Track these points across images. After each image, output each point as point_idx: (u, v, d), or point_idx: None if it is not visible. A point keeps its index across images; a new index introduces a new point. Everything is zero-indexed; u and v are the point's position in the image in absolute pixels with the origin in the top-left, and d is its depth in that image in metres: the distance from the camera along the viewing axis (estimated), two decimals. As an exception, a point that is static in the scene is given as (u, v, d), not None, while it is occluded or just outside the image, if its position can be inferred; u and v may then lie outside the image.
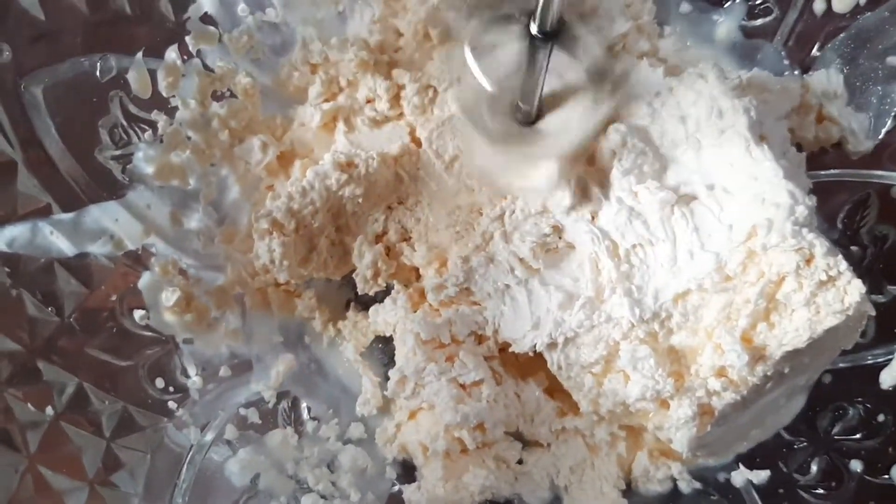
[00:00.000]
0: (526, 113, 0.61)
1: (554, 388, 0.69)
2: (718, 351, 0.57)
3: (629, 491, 0.68)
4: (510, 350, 0.67)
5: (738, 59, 0.75)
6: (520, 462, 0.70)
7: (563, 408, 0.69)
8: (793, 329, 0.55)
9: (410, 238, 0.71)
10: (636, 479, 0.67)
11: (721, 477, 0.67)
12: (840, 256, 0.55)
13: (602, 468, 0.67)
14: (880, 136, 0.67)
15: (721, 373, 0.58)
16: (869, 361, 0.66)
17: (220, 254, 0.71)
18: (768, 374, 0.56)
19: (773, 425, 0.67)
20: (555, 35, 0.54)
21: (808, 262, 0.55)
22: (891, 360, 0.64)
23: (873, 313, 0.57)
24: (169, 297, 0.67)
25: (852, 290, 0.54)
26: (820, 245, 0.55)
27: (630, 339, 0.60)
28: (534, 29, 0.54)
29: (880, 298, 0.67)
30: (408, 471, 0.71)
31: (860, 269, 0.68)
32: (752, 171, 0.57)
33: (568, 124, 0.61)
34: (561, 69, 0.60)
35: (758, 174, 0.57)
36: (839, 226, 0.70)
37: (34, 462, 0.59)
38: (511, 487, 0.68)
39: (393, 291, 0.71)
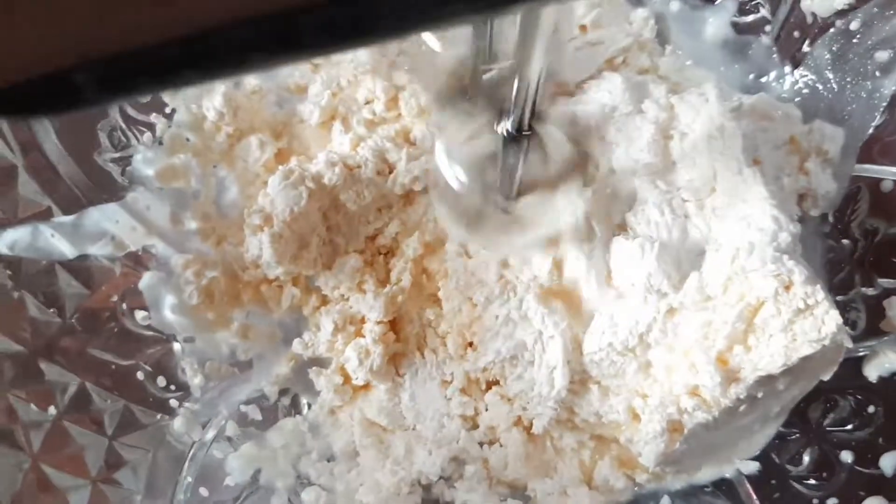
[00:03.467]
0: (503, 200, 0.57)
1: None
2: (693, 370, 0.58)
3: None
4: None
5: (730, 55, 0.75)
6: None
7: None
8: (768, 354, 0.56)
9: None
10: (597, 487, 0.67)
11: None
12: (819, 286, 0.55)
13: (565, 472, 0.67)
14: (869, 132, 0.68)
15: (694, 392, 0.58)
16: (861, 353, 0.66)
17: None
18: (741, 396, 0.57)
19: (745, 450, 0.67)
20: (528, 134, 0.49)
21: (786, 288, 0.55)
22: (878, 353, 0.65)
23: (850, 345, 0.57)
24: (192, 294, 0.68)
25: (829, 320, 0.54)
26: (799, 273, 0.55)
27: (607, 351, 0.61)
28: (502, 129, 0.49)
29: (871, 291, 0.68)
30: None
31: (851, 262, 0.69)
32: (741, 193, 0.57)
33: (547, 214, 0.58)
34: (538, 160, 0.56)
35: (747, 197, 0.57)
36: (830, 219, 0.70)
37: (37, 461, 0.60)
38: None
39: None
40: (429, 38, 0.59)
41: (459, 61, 0.56)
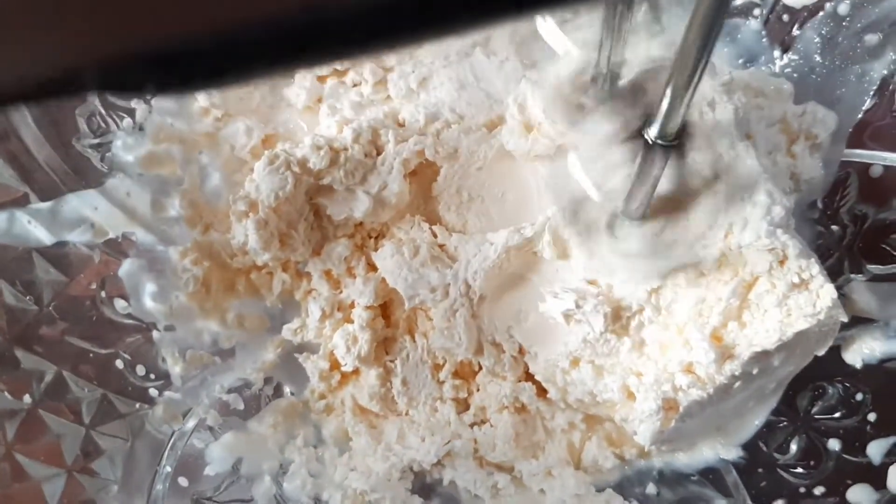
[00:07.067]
0: (632, 214, 0.55)
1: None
2: (687, 347, 0.57)
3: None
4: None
5: (719, 39, 0.74)
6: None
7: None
8: (763, 330, 0.55)
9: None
10: (585, 468, 0.67)
11: (700, 457, 0.67)
12: (813, 259, 0.54)
13: (552, 453, 0.67)
14: (859, 116, 0.67)
15: (689, 369, 0.57)
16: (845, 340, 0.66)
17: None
18: (736, 373, 0.56)
19: (739, 429, 0.66)
20: (674, 144, 0.47)
21: (781, 263, 0.54)
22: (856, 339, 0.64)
23: (845, 319, 0.57)
24: (188, 283, 0.67)
25: (824, 294, 0.54)
26: (793, 246, 0.54)
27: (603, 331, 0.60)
28: (651, 134, 0.47)
29: (860, 277, 0.67)
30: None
31: (840, 248, 0.68)
32: (734, 168, 0.56)
33: (682, 239, 0.56)
34: (680, 174, 0.54)
35: (739, 172, 0.56)
36: (819, 205, 0.69)
37: (11, 450, 0.59)
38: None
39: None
40: (552, 39, 0.56)
41: (582, 66, 0.55)
